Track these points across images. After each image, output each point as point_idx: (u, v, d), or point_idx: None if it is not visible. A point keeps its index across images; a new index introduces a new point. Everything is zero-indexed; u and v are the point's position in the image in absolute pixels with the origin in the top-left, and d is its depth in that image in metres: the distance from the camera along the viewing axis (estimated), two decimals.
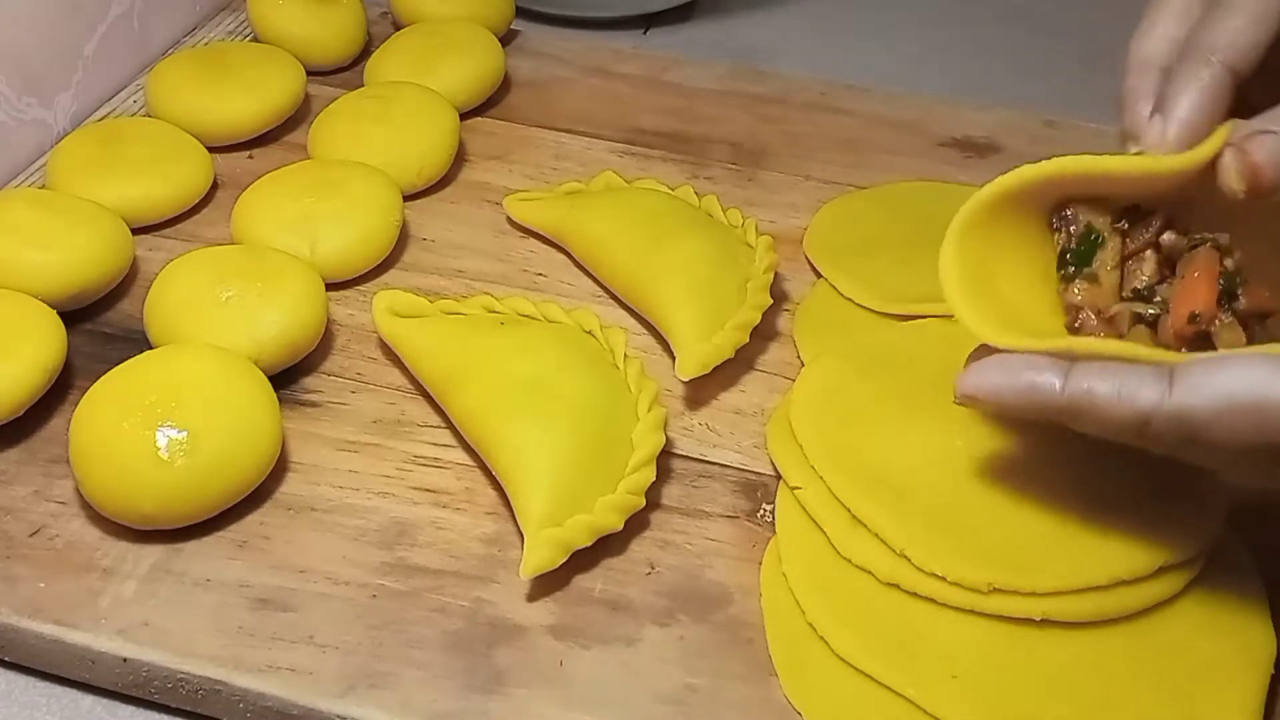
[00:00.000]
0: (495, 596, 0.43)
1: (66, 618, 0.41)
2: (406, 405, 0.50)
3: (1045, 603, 0.40)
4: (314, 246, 0.54)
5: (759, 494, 0.47)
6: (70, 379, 0.50)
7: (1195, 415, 0.33)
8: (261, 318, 0.49)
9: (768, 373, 0.52)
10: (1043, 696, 0.39)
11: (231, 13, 0.74)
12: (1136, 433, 0.35)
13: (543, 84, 0.70)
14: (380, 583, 0.43)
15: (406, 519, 0.45)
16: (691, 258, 0.53)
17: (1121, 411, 0.34)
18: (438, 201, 0.61)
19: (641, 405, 0.47)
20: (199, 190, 0.59)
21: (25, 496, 0.45)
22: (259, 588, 0.42)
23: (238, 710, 0.40)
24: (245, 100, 0.62)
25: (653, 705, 0.39)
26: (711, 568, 0.44)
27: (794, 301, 0.55)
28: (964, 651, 0.40)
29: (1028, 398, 0.36)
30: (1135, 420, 0.34)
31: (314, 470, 0.47)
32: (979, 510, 0.43)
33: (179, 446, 0.43)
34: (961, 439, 0.45)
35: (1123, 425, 0.35)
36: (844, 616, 0.41)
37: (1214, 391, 0.33)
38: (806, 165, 0.64)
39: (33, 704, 0.41)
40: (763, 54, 0.78)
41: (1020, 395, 0.36)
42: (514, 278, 0.57)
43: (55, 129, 0.63)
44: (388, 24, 0.73)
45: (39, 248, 0.51)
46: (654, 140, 0.65)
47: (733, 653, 0.41)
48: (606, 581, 0.43)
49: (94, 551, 0.43)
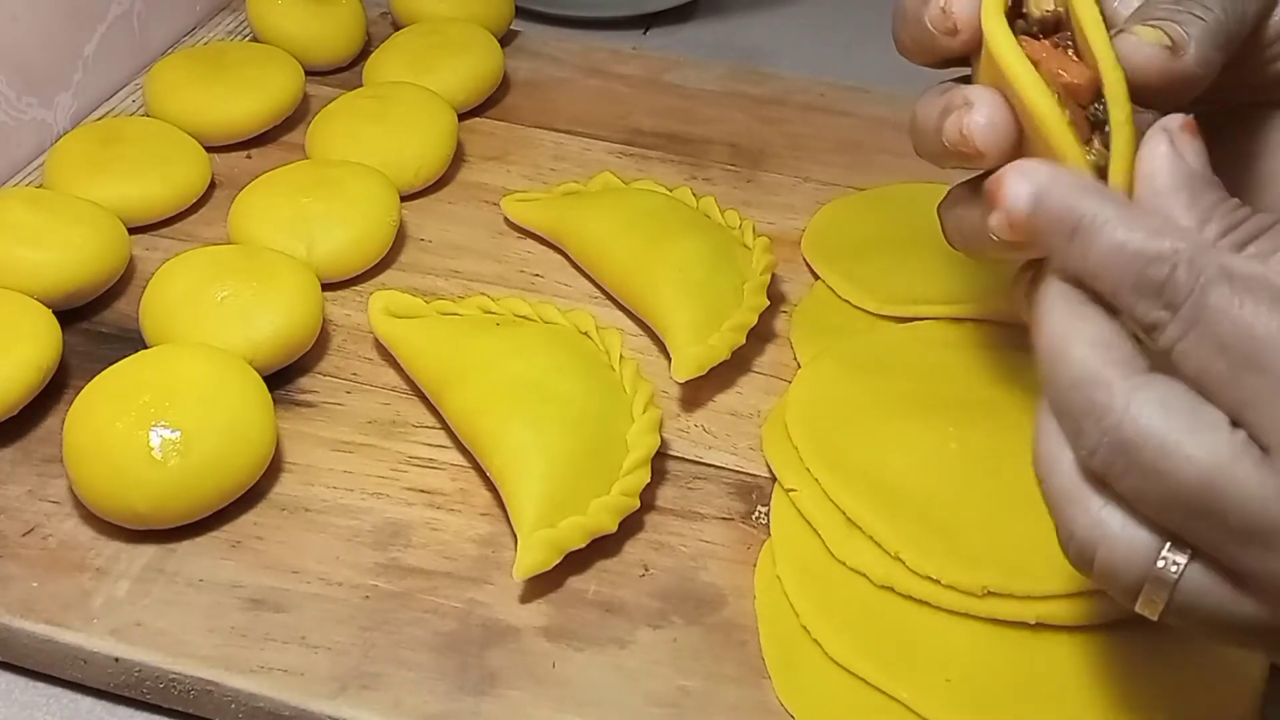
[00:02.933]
0: (488, 598, 0.42)
1: (59, 617, 0.41)
2: (402, 406, 0.50)
3: (1040, 606, 0.40)
4: (311, 246, 0.54)
5: (754, 496, 0.47)
6: (66, 378, 0.50)
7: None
8: (257, 318, 0.49)
9: (764, 374, 0.52)
10: (1037, 700, 0.39)
11: (231, 13, 0.74)
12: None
13: (542, 84, 0.70)
14: (373, 583, 0.43)
15: (401, 520, 0.45)
16: (688, 259, 0.53)
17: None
18: (435, 202, 0.61)
19: (637, 406, 0.47)
20: (197, 190, 0.59)
21: (19, 496, 0.45)
22: (252, 588, 0.42)
23: (230, 711, 0.40)
24: (243, 100, 0.62)
25: (645, 707, 0.39)
26: (706, 570, 0.44)
27: (791, 303, 0.55)
28: (958, 655, 0.40)
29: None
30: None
31: (308, 471, 0.47)
32: (974, 513, 0.42)
33: (173, 446, 0.43)
34: (957, 442, 0.45)
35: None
36: (838, 619, 0.41)
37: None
38: (805, 166, 0.64)
39: (31, 704, 0.41)
40: (763, 54, 0.78)
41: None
42: (511, 278, 0.56)
43: (55, 129, 0.63)
44: (387, 24, 0.73)
45: (35, 247, 0.51)
46: (652, 141, 0.65)
47: (726, 655, 0.41)
48: (600, 583, 0.43)
49: (87, 551, 0.43)
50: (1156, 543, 0.29)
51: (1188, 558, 0.29)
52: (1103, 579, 0.30)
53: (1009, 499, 0.42)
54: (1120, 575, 0.30)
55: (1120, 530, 0.30)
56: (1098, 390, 0.29)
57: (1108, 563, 0.30)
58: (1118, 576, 0.30)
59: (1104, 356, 0.30)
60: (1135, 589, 0.30)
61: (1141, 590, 0.30)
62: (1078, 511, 0.30)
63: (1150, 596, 0.30)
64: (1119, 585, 0.30)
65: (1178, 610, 0.30)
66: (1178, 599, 0.29)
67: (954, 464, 0.44)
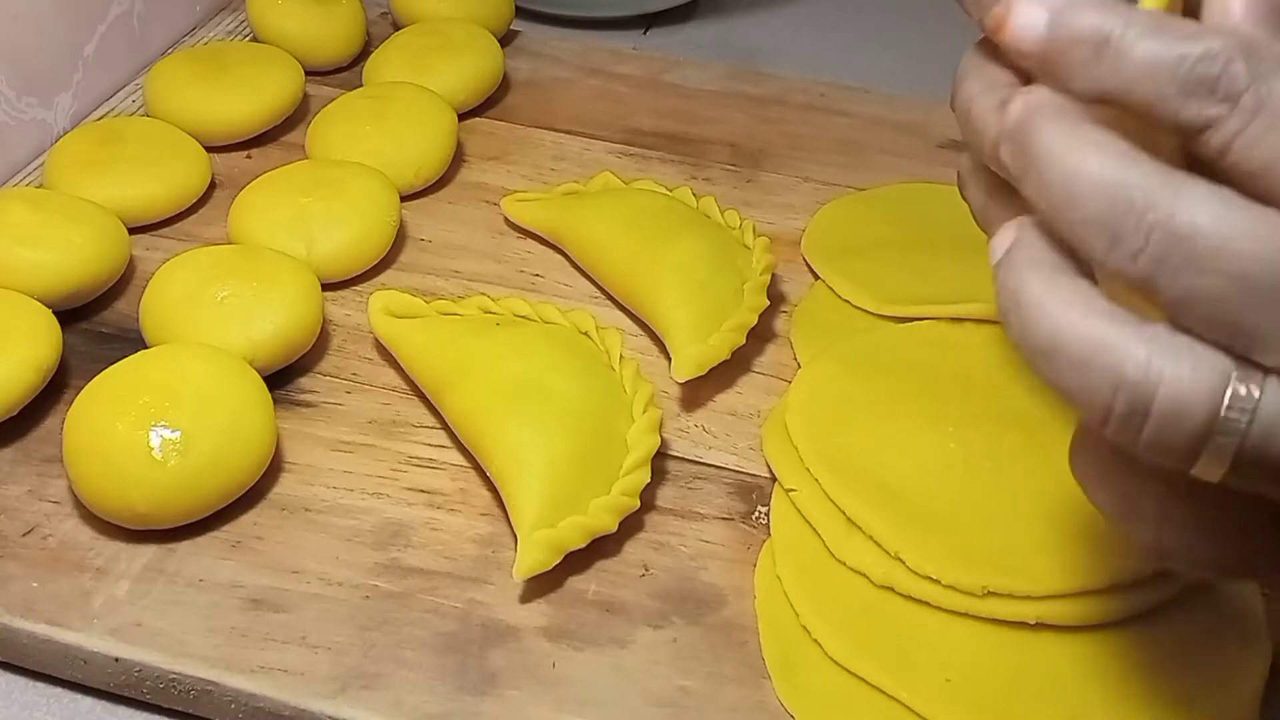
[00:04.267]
0: (489, 598, 0.42)
1: (59, 617, 0.41)
2: (402, 406, 0.50)
3: (1040, 606, 0.40)
4: (311, 246, 0.54)
5: (754, 496, 0.47)
6: (66, 378, 0.50)
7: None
8: (257, 318, 0.49)
9: (764, 374, 0.52)
10: (1037, 700, 0.39)
11: (230, 13, 0.74)
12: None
13: (542, 84, 0.70)
14: (374, 583, 0.43)
15: (401, 520, 0.45)
16: (688, 259, 0.53)
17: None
18: (435, 202, 0.61)
19: (637, 406, 0.47)
20: (196, 190, 0.59)
21: (19, 496, 0.45)
22: (252, 588, 0.42)
23: (229, 711, 0.40)
24: (243, 100, 0.62)
25: (645, 707, 0.39)
26: (706, 570, 0.44)
27: (791, 303, 0.55)
28: (958, 655, 0.40)
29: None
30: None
31: (308, 471, 0.47)
32: (974, 513, 0.42)
33: (172, 446, 0.43)
34: (957, 442, 0.45)
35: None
36: (838, 619, 0.41)
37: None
38: (805, 166, 0.64)
39: (31, 704, 0.41)
40: (763, 54, 0.78)
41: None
42: (511, 278, 0.56)
43: (55, 129, 0.63)
44: (387, 24, 0.73)
45: (35, 247, 0.51)
46: (652, 141, 0.65)
47: (726, 655, 0.41)
48: (600, 583, 0.43)
49: (87, 551, 0.43)
50: (1226, 362, 0.25)
51: (1264, 375, 0.25)
52: (1166, 426, 0.25)
53: (1009, 499, 0.43)
54: (1190, 413, 0.25)
55: (1185, 352, 0.25)
56: (1133, 189, 0.25)
57: (1174, 400, 0.25)
58: (1188, 416, 0.25)
59: (1133, 160, 0.26)
60: (1204, 431, 0.25)
61: (1210, 435, 0.25)
62: (1124, 344, 0.25)
63: (1221, 438, 0.25)
64: (1185, 430, 0.25)
65: (1254, 449, 0.25)
66: (1255, 431, 0.25)
67: (954, 464, 0.44)
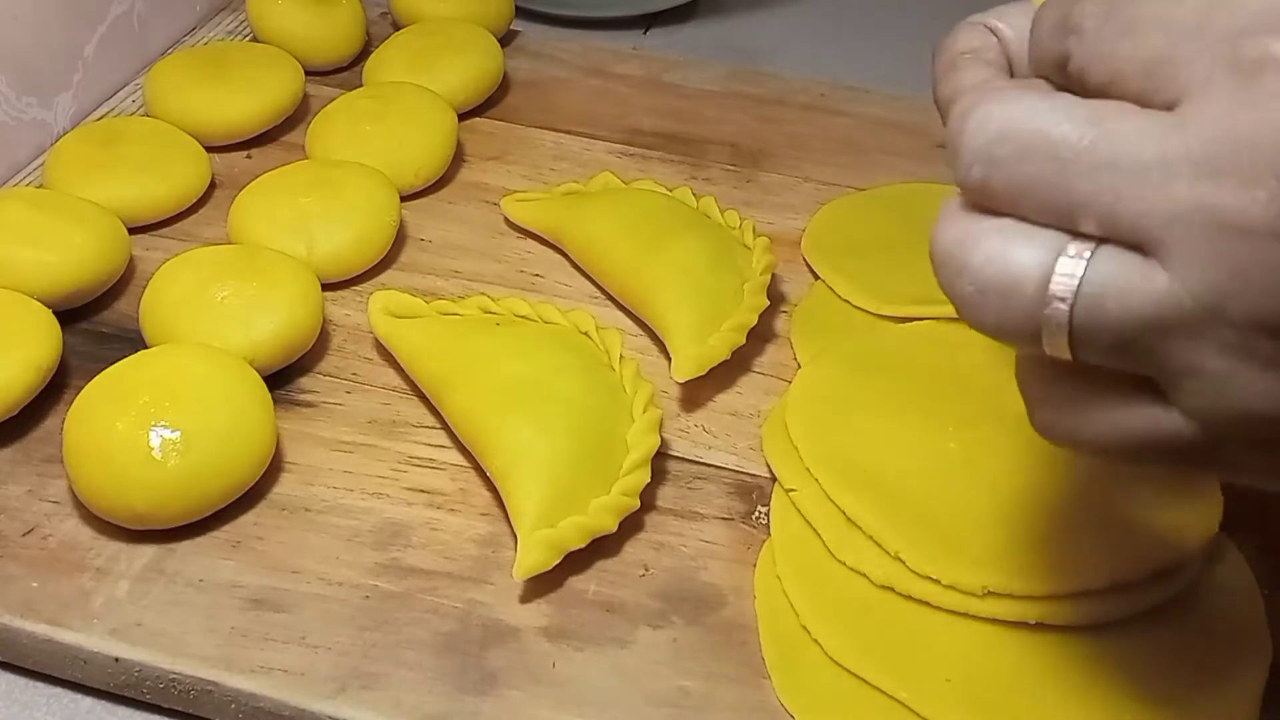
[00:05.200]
0: (488, 598, 0.42)
1: (59, 617, 0.41)
2: (402, 406, 0.50)
3: (1040, 606, 0.40)
4: (311, 247, 0.54)
5: (754, 496, 0.47)
6: (66, 378, 0.50)
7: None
8: (257, 318, 0.49)
9: (764, 374, 0.52)
10: (1037, 701, 0.39)
11: (231, 13, 0.74)
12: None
13: (542, 84, 0.70)
14: (373, 584, 0.43)
15: (401, 520, 0.45)
16: (688, 259, 0.53)
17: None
18: (435, 202, 0.61)
19: (637, 407, 0.47)
20: (197, 190, 0.59)
21: (19, 496, 0.45)
22: (252, 588, 0.42)
23: (230, 711, 0.40)
24: (243, 100, 0.62)
25: (645, 707, 0.39)
26: (706, 570, 0.44)
27: (791, 303, 0.55)
28: (958, 655, 0.40)
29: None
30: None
31: (308, 471, 0.47)
32: (974, 513, 0.42)
33: (172, 446, 0.43)
34: (957, 442, 0.45)
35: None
36: (838, 619, 0.41)
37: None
38: (805, 167, 0.64)
39: (31, 704, 0.41)
40: (763, 54, 0.78)
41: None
42: (511, 278, 0.56)
43: (55, 129, 0.63)
44: (387, 24, 0.73)
45: (35, 247, 0.51)
46: (652, 141, 0.65)
47: (726, 655, 0.41)
48: (600, 583, 0.43)
49: (87, 551, 0.43)
50: (1060, 239, 0.26)
51: (1095, 247, 0.25)
52: (1004, 304, 0.26)
53: (1009, 499, 0.43)
54: (1022, 286, 0.26)
55: (1021, 234, 0.26)
56: (968, 105, 0.26)
57: (1007, 276, 0.26)
58: (1020, 289, 0.26)
59: (976, 85, 0.28)
60: (1037, 302, 0.26)
61: (1041, 306, 0.26)
62: (974, 237, 0.27)
63: (1052, 308, 0.26)
64: (1020, 305, 0.26)
65: (1085, 317, 0.25)
66: (1083, 299, 0.25)
67: (954, 464, 0.44)
